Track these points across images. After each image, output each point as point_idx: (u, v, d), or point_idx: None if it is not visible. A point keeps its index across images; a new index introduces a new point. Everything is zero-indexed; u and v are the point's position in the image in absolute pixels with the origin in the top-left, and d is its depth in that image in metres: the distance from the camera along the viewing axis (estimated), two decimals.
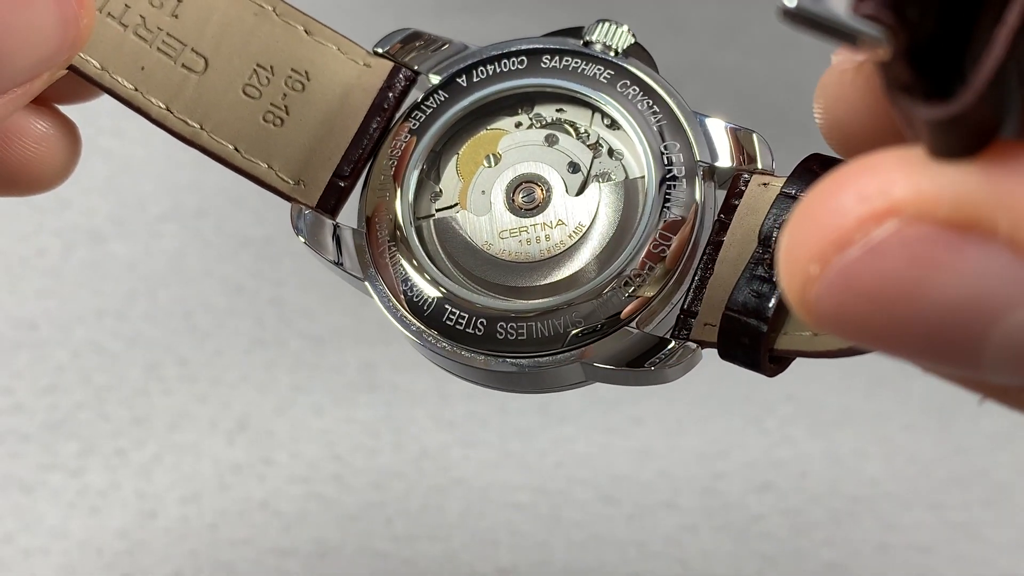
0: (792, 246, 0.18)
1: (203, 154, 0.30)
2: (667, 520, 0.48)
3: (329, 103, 0.30)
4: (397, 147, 0.30)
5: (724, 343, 0.27)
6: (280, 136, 0.30)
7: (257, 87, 0.30)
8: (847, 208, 0.18)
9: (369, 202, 0.30)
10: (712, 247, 0.28)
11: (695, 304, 0.28)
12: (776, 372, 0.27)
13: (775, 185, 0.27)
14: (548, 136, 0.30)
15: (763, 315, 0.26)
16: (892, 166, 0.18)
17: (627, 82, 0.29)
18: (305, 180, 0.30)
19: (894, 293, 0.18)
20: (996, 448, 0.50)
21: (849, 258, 0.18)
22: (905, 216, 0.18)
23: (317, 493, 0.48)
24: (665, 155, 0.28)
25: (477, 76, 0.30)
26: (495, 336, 0.28)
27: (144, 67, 0.30)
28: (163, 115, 0.30)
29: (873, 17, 0.17)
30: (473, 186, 0.30)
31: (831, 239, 0.18)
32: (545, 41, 0.30)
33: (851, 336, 0.19)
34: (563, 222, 0.29)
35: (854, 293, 0.18)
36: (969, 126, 0.17)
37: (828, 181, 0.18)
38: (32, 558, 0.46)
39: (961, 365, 0.18)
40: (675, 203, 0.28)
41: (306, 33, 0.31)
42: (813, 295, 0.18)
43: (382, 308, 0.29)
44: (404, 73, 0.31)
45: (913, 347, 0.18)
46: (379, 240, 0.29)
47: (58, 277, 0.55)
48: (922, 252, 0.18)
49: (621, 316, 0.28)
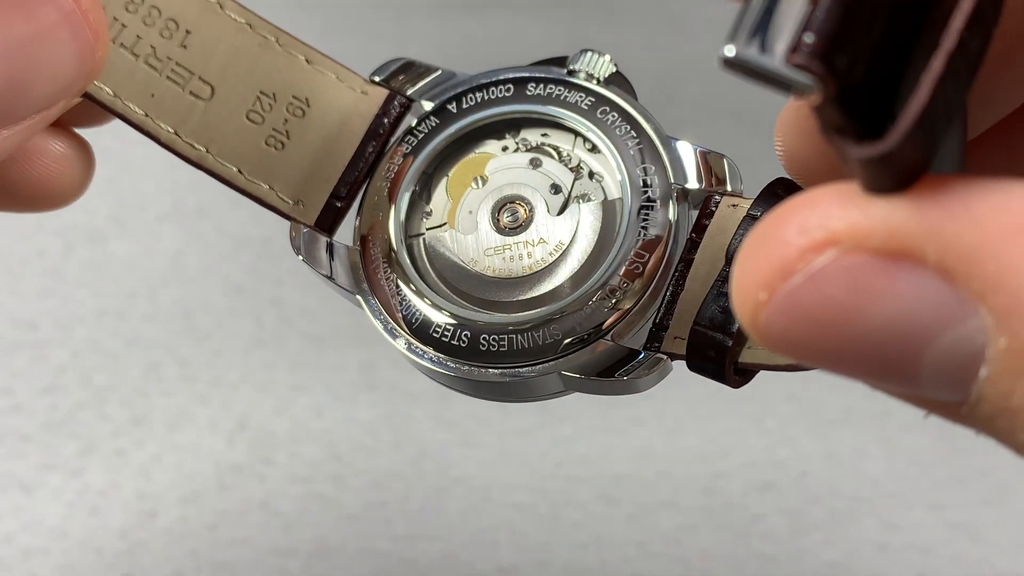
0: (743, 274, 0.20)
1: (208, 175, 0.31)
2: (667, 520, 0.48)
3: (328, 128, 0.32)
4: (391, 169, 0.31)
5: (692, 356, 0.28)
6: (281, 159, 0.32)
7: (260, 113, 0.32)
8: (790, 239, 0.19)
9: (364, 221, 0.31)
10: (684, 264, 0.29)
11: (667, 318, 0.29)
12: (740, 384, 0.28)
13: (743, 206, 0.29)
14: (532, 159, 0.31)
15: (728, 330, 0.27)
16: (830, 200, 0.19)
17: (607, 108, 0.31)
18: (304, 200, 0.32)
19: (835, 317, 0.19)
20: (996, 448, 0.50)
21: (793, 285, 0.19)
22: (842, 246, 0.19)
23: (317, 493, 0.48)
24: (641, 177, 0.30)
25: (466, 103, 0.32)
26: (478, 348, 0.30)
27: (154, 94, 0.31)
28: (171, 139, 0.31)
29: (804, 67, 0.18)
30: (461, 206, 0.31)
31: (776, 268, 0.19)
32: (531, 70, 0.32)
33: (799, 356, 0.20)
34: (544, 240, 0.30)
35: (798, 317, 0.19)
36: (897, 164, 0.19)
37: (773, 215, 0.20)
38: (32, 558, 0.46)
39: (901, 383, 0.20)
40: (651, 223, 0.29)
41: (307, 62, 0.32)
42: (763, 319, 0.20)
43: (373, 320, 0.31)
44: (399, 100, 0.32)
45: (855, 367, 0.20)
46: (372, 257, 0.31)
47: (58, 277, 0.55)
48: (858, 279, 0.19)
49: (603, 327, 0.29)
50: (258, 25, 0.32)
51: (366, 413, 0.51)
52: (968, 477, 0.49)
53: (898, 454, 0.50)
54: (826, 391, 0.52)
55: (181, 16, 0.31)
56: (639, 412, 0.51)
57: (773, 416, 0.51)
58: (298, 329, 0.53)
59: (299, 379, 0.52)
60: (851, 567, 0.47)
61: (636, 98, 0.31)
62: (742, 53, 0.19)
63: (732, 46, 0.19)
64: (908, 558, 0.47)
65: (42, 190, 0.33)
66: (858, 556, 0.47)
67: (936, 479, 0.49)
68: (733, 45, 0.19)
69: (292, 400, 0.51)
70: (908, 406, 0.21)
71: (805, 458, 0.50)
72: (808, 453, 0.50)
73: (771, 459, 0.50)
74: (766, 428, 0.51)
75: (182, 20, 0.31)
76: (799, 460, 0.50)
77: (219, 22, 0.32)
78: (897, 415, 0.51)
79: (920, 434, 0.50)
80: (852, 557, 0.47)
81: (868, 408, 0.51)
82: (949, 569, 0.46)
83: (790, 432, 0.50)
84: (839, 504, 0.48)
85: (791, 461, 0.50)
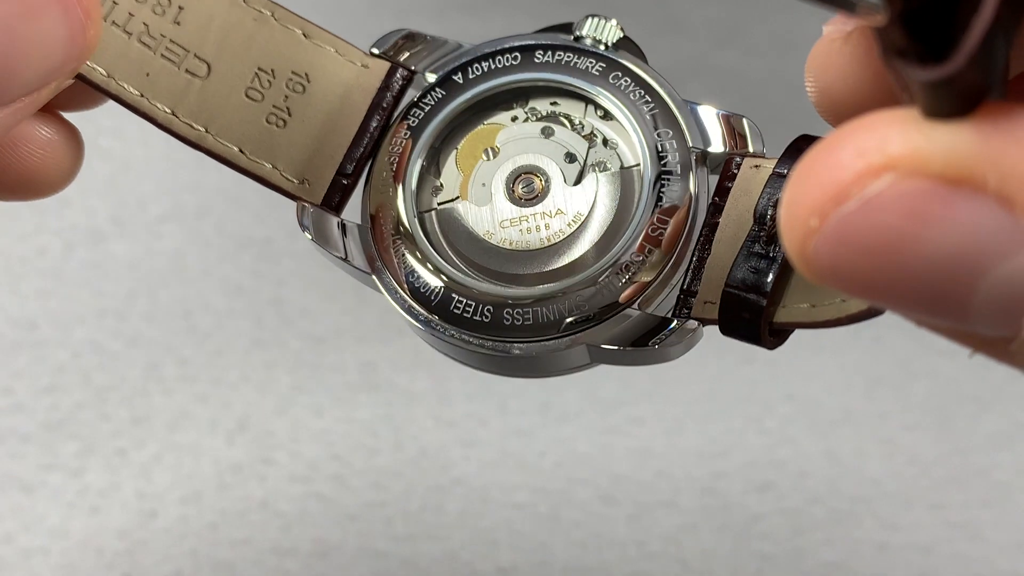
0: (793, 201, 0.19)
1: (209, 156, 0.31)
2: (667, 520, 0.48)
3: (330, 103, 0.31)
4: (397, 144, 0.31)
5: (725, 319, 0.27)
6: (283, 137, 0.31)
7: (259, 90, 0.31)
8: (845, 163, 0.19)
9: (372, 199, 0.31)
10: (708, 228, 0.29)
11: (694, 284, 0.29)
12: (776, 345, 0.28)
13: (767, 166, 0.28)
14: (544, 128, 0.31)
15: (762, 290, 0.27)
16: (889, 124, 0.19)
17: (619, 74, 0.30)
18: (309, 179, 0.31)
19: (889, 245, 0.19)
20: (996, 448, 0.50)
21: (846, 211, 0.19)
22: (900, 171, 0.18)
23: (317, 493, 0.48)
24: (659, 143, 0.29)
25: (472, 73, 0.31)
26: (502, 322, 0.29)
27: (149, 73, 0.30)
28: (169, 119, 0.30)
29: None
30: (473, 179, 0.30)
31: (830, 193, 0.19)
32: (537, 37, 0.31)
33: (847, 287, 0.19)
34: (562, 211, 0.30)
35: (851, 245, 0.19)
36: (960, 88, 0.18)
37: (829, 138, 0.19)
38: (32, 558, 0.46)
39: (951, 317, 0.19)
40: (670, 189, 0.29)
41: (304, 36, 0.31)
42: (812, 248, 0.19)
43: (390, 300, 0.30)
44: (401, 73, 0.32)
45: (906, 298, 0.19)
46: (384, 235, 0.30)
47: (58, 277, 0.55)
48: (916, 205, 0.18)
49: (620, 301, 0.28)
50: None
51: (366, 413, 0.51)
52: (968, 477, 0.49)
53: (898, 454, 0.50)
54: (826, 391, 0.52)
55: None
56: (639, 412, 0.51)
57: (773, 416, 0.51)
58: (298, 329, 0.53)
59: (299, 379, 0.52)
60: (851, 567, 0.47)
61: (647, 62, 0.31)
62: None
63: None
64: (908, 558, 0.47)
65: (28, 178, 0.31)
66: (858, 556, 0.47)
67: (936, 479, 0.49)
68: None
69: (292, 400, 0.51)
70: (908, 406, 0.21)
71: (805, 458, 0.50)
72: (808, 453, 0.50)
73: (771, 459, 0.50)
74: (766, 428, 0.51)
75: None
76: (799, 460, 0.50)
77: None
78: (897, 415, 0.51)
79: (920, 434, 0.50)
80: (852, 557, 0.47)
81: (868, 408, 0.51)
82: (949, 569, 0.46)
83: (790, 432, 0.50)
84: (839, 504, 0.48)
85: (791, 461, 0.50)
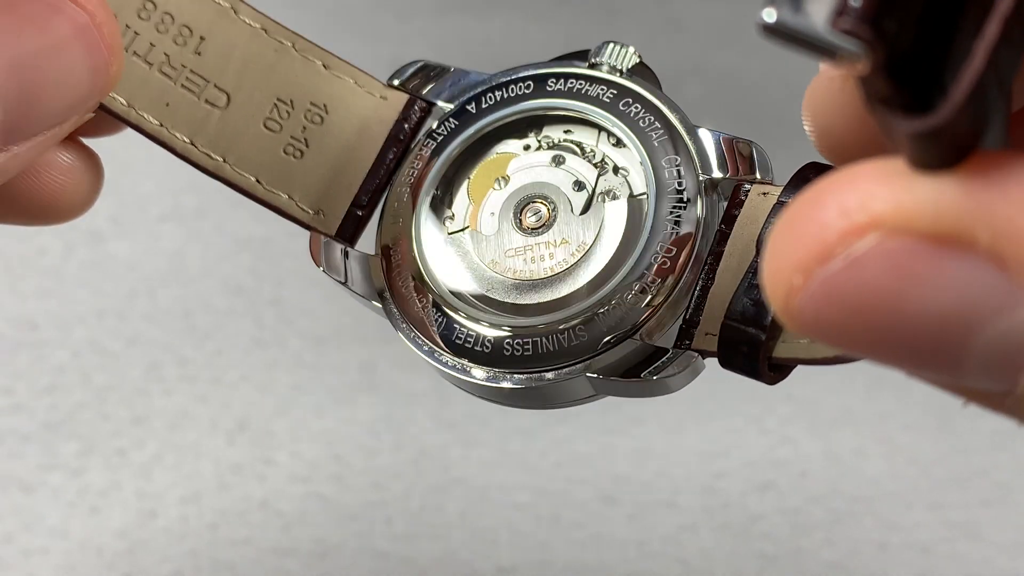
0: (776, 256, 0.19)
1: (226, 186, 0.31)
2: (667, 520, 0.48)
3: (347, 135, 0.31)
4: (412, 175, 0.31)
5: (724, 352, 0.27)
6: (300, 168, 0.31)
7: (278, 121, 0.31)
8: (829, 221, 0.18)
9: (386, 230, 0.31)
10: (713, 257, 0.28)
11: (697, 314, 0.28)
12: (776, 380, 0.27)
13: (774, 194, 0.28)
14: (555, 157, 0.30)
15: (761, 323, 0.26)
16: (873, 178, 0.18)
17: (629, 100, 0.30)
18: (324, 210, 0.31)
19: (875, 304, 0.18)
20: (996, 448, 0.50)
21: (831, 270, 0.18)
22: (885, 230, 0.18)
23: (317, 493, 0.48)
24: (667, 170, 0.29)
25: (486, 102, 0.31)
26: (502, 353, 0.29)
27: (169, 103, 0.30)
28: (187, 149, 0.30)
29: (851, 32, 0.17)
30: (483, 208, 0.30)
31: (813, 252, 0.18)
32: (551, 65, 0.31)
33: (833, 343, 0.19)
34: (567, 240, 0.29)
35: (836, 304, 0.18)
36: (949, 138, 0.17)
37: (810, 193, 0.18)
38: (32, 558, 0.46)
39: (943, 372, 0.19)
40: (679, 217, 0.28)
41: (324, 67, 0.31)
42: (796, 305, 0.18)
43: (398, 332, 0.30)
44: (419, 104, 0.31)
45: (895, 355, 0.19)
46: (395, 265, 0.30)
47: (58, 277, 0.55)
48: (902, 265, 0.18)
49: (630, 326, 0.28)
50: (273, 30, 0.31)
51: (366, 413, 0.51)
52: (968, 477, 0.49)
53: (898, 454, 0.50)
54: (826, 391, 0.52)
55: (195, 22, 0.31)
56: (639, 412, 0.51)
57: (773, 416, 0.51)
58: (298, 329, 0.53)
59: (299, 379, 0.52)
60: (851, 567, 0.46)
61: (660, 88, 0.30)
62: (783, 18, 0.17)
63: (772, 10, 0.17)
64: (908, 558, 0.47)
65: (48, 203, 0.31)
66: (858, 556, 0.47)
67: (936, 479, 0.49)
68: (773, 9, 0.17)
69: (292, 400, 0.51)
70: (908, 406, 0.20)
71: (805, 458, 0.50)
72: (808, 453, 0.50)
73: (771, 459, 0.50)
74: (766, 428, 0.51)
75: (196, 26, 0.31)
76: (799, 460, 0.50)
77: (234, 28, 0.31)
78: (897, 415, 0.51)
79: (920, 434, 0.50)
80: (852, 557, 0.47)
81: (868, 408, 0.51)
82: (949, 569, 0.46)
83: (790, 432, 0.50)
84: (839, 504, 0.48)
85: (791, 461, 0.50)
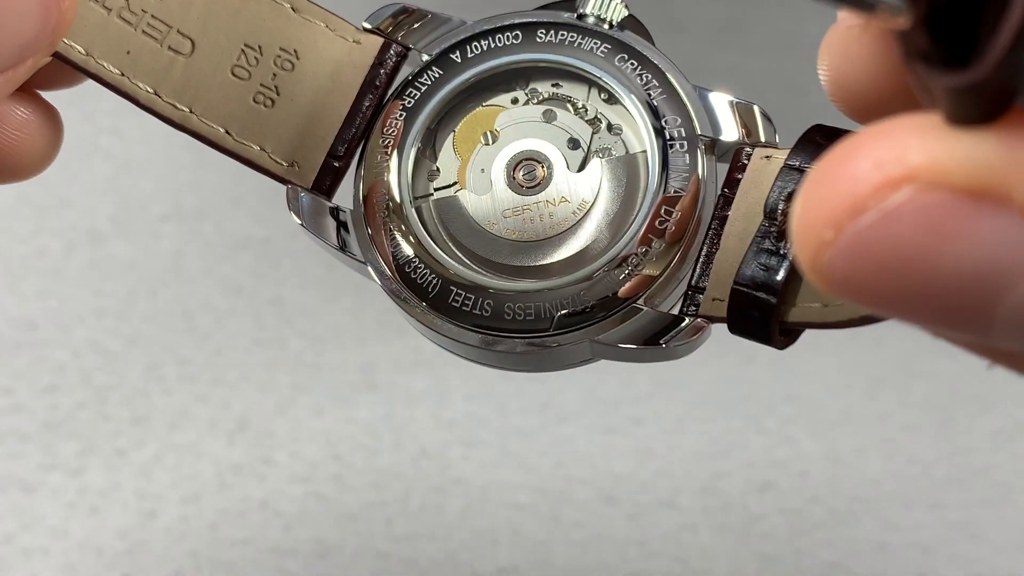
0: (806, 211, 0.18)
1: (194, 138, 0.29)
2: (667, 520, 0.48)
3: (320, 82, 0.30)
4: (391, 125, 0.29)
5: (734, 317, 0.26)
6: (271, 117, 0.30)
7: (246, 68, 0.30)
8: (863, 174, 0.18)
9: (365, 181, 0.29)
10: (717, 222, 0.28)
11: (702, 280, 0.28)
12: (786, 344, 0.27)
13: (778, 158, 0.27)
14: (546, 112, 0.29)
15: (772, 288, 0.26)
16: (908, 133, 0.18)
17: (624, 56, 0.29)
18: (299, 161, 0.30)
19: (907, 260, 0.18)
20: (996, 448, 0.50)
21: (863, 224, 0.18)
22: (920, 183, 0.18)
23: (317, 493, 0.48)
24: (665, 129, 0.28)
25: (471, 52, 0.29)
26: (503, 316, 0.28)
27: (130, 51, 0.29)
28: (151, 99, 0.29)
29: None
30: (472, 164, 0.29)
31: (846, 205, 0.18)
32: (539, 15, 0.30)
33: (863, 301, 0.18)
34: (567, 199, 0.29)
35: (867, 259, 0.18)
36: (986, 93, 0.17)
37: (844, 146, 0.18)
38: (32, 558, 0.46)
39: (972, 331, 0.18)
40: (676, 177, 0.28)
41: (293, 11, 0.30)
42: (826, 260, 0.18)
43: (381, 287, 0.29)
44: (395, 49, 0.30)
45: (924, 313, 0.18)
46: (377, 219, 0.29)
47: (58, 277, 0.55)
48: (936, 219, 0.17)
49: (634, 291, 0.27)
50: None
51: (366, 413, 0.51)
52: (968, 477, 0.49)
53: (898, 454, 0.50)
54: (826, 391, 0.52)
55: None
56: (639, 412, 0.51)
57: (773, 416, 0.51)
58: (298, 329, 0.53)
59: (299, 379, 0.52)
60: (851, 567, 0.46)
61: (653, 43, 0.29)
62: None
63: None
64: (908, 558, 0.47)
65: (4, 160, 0.29)
66: (858, 556, 0.47)
67: (936, 479, 0.49)
68: None
69: (292, 400, 0.51)
70: (908, 406, 0.20)
71: (805, 458, 0.50)
72: (808, 453, 0.50)
73: (771, 459, 0.50)
74: (766, 428, 0.51)
75: None
76: (799, 460, 0.50)
77: None
78: (897, 415, 0.51)
79: (920, 434, 0.50)
80: (852, 557, 0.47)
81: (868, 408, 0.51)
82: (949, 569, 0.46)
83: (790, 432, 0.50)
84: (839, 504, 0.48)
85: (791, 461, 0.50)
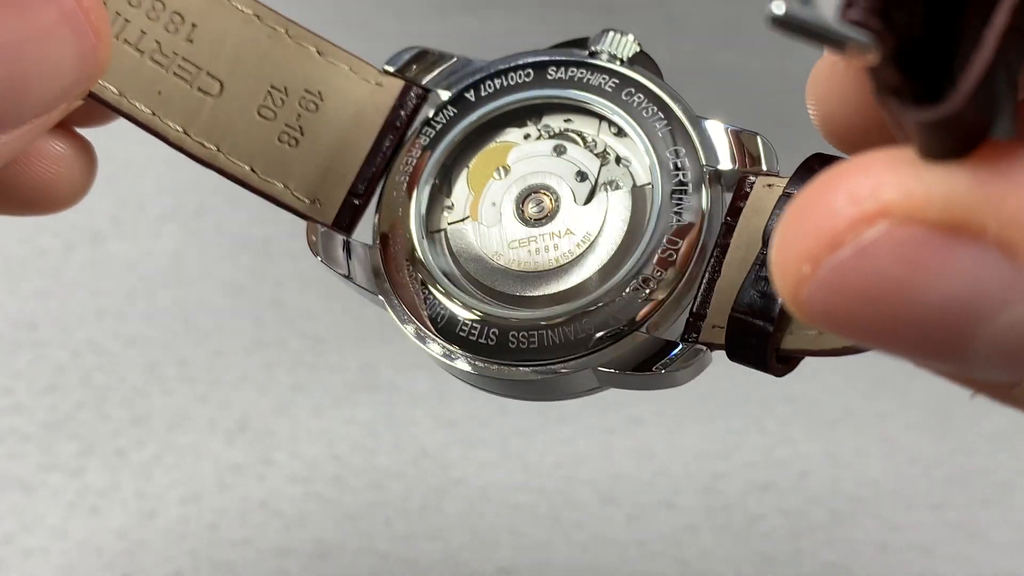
0: (784, 245, 0.19)
1: (220, 175, 0.30)
2: (667, 520, 0.48)
3: (342, 122, 0.31)
4: (409, 163, 0.30)
5: (731, 344, 0.27)
6: (295, 156, 0.31)
7: (272, 108, 0.31)
8: (838, 209, 0.18)
9: (384, 219, 0.30)
10: (719, 249, 0.28)
11: (704, 307, 0.28)
12: (784, 372, 0.27)
13: (779, 186, 0.28)
14: (556, 146, 0.30)
15: (769, 315, 0.26)
16: (883, 167, 0.18)
17: (631, 90, 0.30)
18: (321, 199, 0.31)
19: (884, 293, 0.18)
20: (996, 448, 0.50)
21: (840, 258, 0.18)
22: (895, 218, 0.18)
23: (317, 493, 0.48)
24: (671, 161, 0.29)
25: (485, 90, 0.30)
26: (507, 345, 0.28)
27: (161, 92, 0.30)
28: (181, 138, 0.30)
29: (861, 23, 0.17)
30: (484, 198, 0.30)
31: (823, 240, 0.18)
32: (551, 53, 0.31)
33: (843, 333, 0.19)
34: (571, 231, 0.29)
35: (845, 292, 0.18)
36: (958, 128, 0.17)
37: (819, 181, 0.19)
38: (32, 558, 0.46)
39: (951, 362, 0.19)
40: (683, 208, 0.28)
41: (318, 54, 0.31)
42: (805, 294, 0.19)
43: (399, 324, 0.30)
44: (415, 91, 0.31)
45: (904, 345, 0.19)
46: (394, 256, 0.30)
47: (58, 277, 0.55)
48: (911, 253, 0.18)
49: (637, 319, 0.28)
50: (266, 16, 0.31)
51: (366, 413, 0.51)
52: (968, 477, 0.49)
53: (898, 454, 0.50)
54: (826, 391, 0.52)
55: (187, 9, 0.30)
56: (639, 412, 0.51)
57: (773, 416, 0.51)
58: (298, 329, 0.53)
59: (299, 379, 0.52)
60: (851, 567, 0.46)
61: (662, 78, 0.30)
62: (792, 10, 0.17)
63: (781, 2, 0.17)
64: (908, 558, 0.47)
65: (41, 193, 0.31)
66: (858, 556, 0.47)
67: (936, 479, 0.49)
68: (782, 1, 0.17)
69: (292, 400, 0.51)
70: (908, 406, 0.20)
71: (805, 458, 0.50)
72: (808, 453, 0.50)
73: (771, 459, 0.50)
74: (766, 428, 0.51)
75: (188, 13, 0.30)
76: (799, 460, 0.50)
77: (226, 14, 0.31)
78: (897, 415, 0.51)
79: (920, 434, 0.50)
80: (852, 557, 0.47)
81: (868, 408, 0.51)
82: (949, 569, 0.46)
83: (790, 432, 0.50)
84: (839, 504, 0.48)
85: (791, 461, 0.50)
